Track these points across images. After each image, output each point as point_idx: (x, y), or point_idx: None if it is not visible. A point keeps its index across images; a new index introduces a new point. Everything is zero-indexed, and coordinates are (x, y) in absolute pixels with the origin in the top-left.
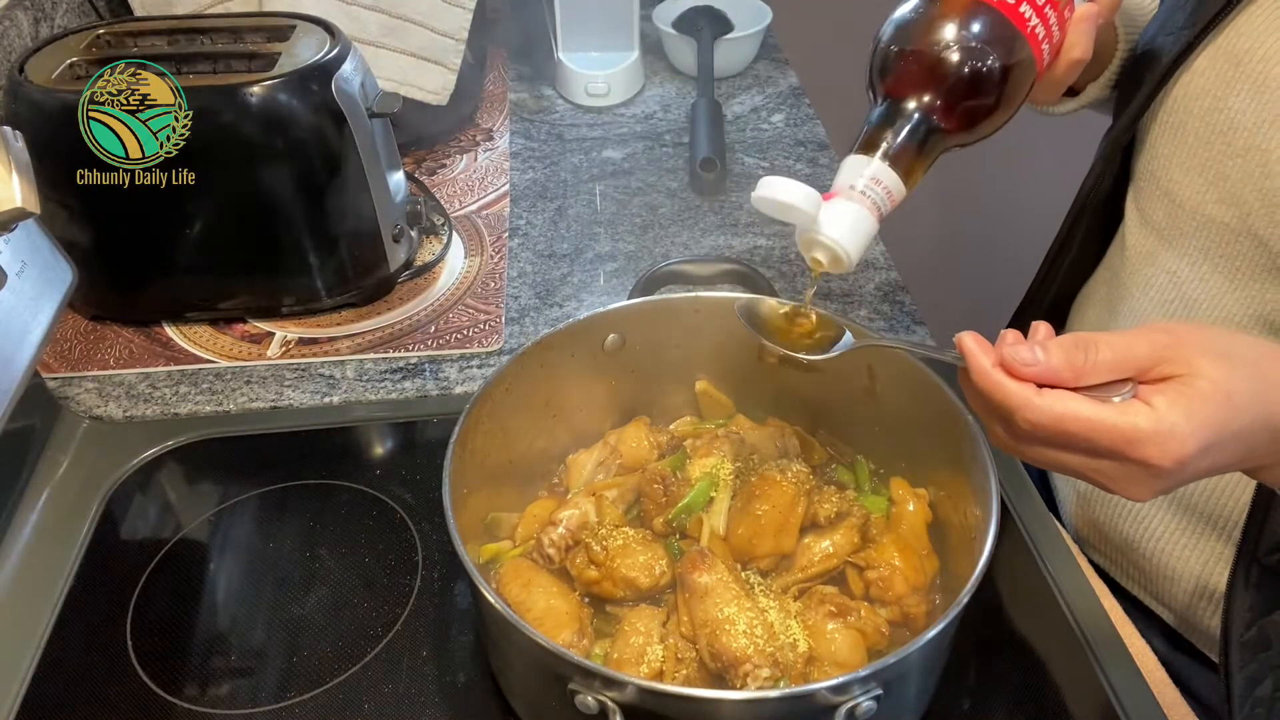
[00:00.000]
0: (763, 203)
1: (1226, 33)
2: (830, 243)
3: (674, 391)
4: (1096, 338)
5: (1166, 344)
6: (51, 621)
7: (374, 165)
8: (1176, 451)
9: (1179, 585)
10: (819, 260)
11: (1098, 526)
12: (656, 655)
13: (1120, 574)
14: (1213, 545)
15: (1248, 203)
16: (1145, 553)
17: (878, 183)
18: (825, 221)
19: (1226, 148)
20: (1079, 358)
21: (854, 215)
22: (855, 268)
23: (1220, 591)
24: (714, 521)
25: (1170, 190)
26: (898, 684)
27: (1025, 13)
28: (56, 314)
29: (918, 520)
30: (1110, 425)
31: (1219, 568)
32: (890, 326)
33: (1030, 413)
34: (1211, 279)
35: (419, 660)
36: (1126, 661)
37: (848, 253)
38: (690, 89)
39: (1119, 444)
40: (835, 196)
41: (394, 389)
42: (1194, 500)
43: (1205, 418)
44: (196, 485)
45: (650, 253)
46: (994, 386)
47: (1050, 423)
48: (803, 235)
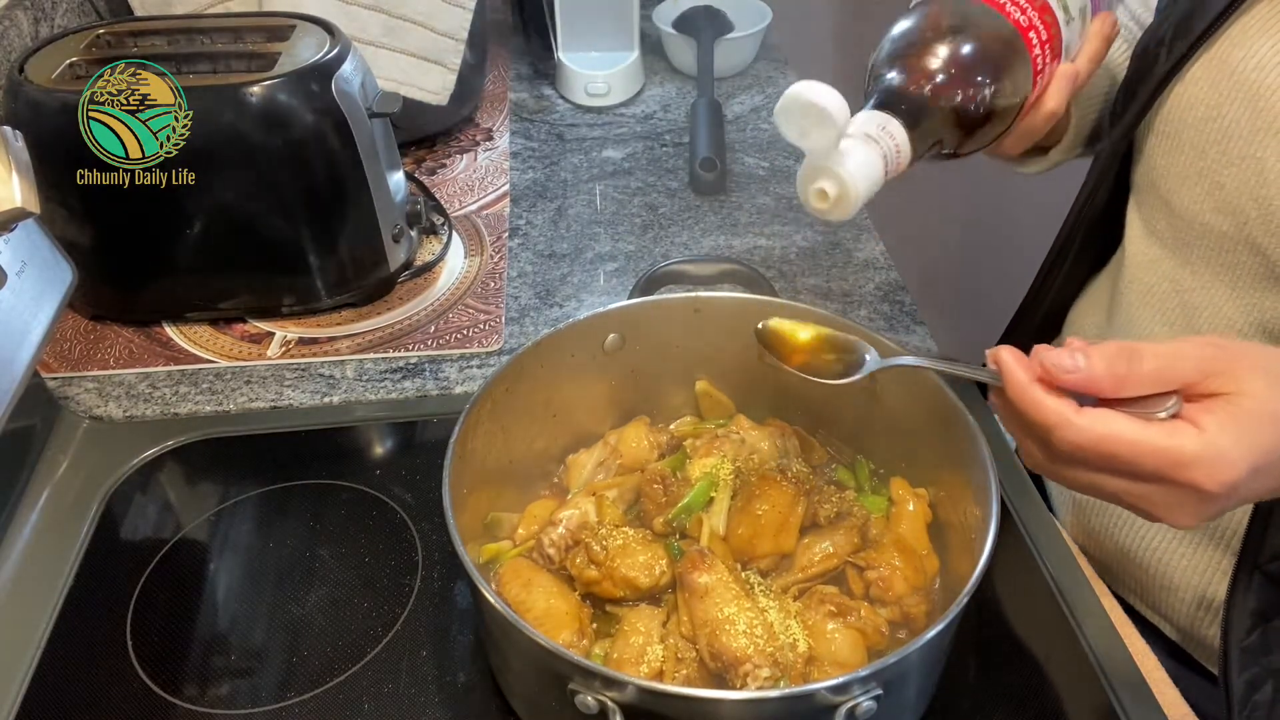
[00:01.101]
0: (791, 107)
1: (1220, 42)
2: (845, 175)
3: (674, 391)
4: (1141, 347)
5: (1214, 357)
6: (51, 621)
7: (374, 165)
8: (1226, 476)
9: (1177, 596)
10: (824, 193)
11: (1094, 536)
12: (656, 655)
13: (1118, 585)
14: (1212, 555)
15: (1244, 211)
16: (1143, 563)
17: (892, 138)
18: (846, 150)
19: (1222, 156)
20: (1121, 367)
21: (868, 157)
22: (854, 211)
23: (1219, 601)
24: (714, 521)
25: (1168, 199)
26: (898, 684)
27: (1033, 39)
28: (56, 314)
29: (918, 520)
30: (1156, 448)
31: (1217, 577)
32: (890, 326)
33: (1070, 432)
34: (1213, 287)
35: (419, 660)
36: (1126, 661)
37: (857, 190)
38: (690, 89)
39: (1165, 467)
40: (852, 138)
41: (394, 389)
42: None
43: (1254, 440)
44: (196, 485)
45: (650, 253)
46: (1032, 404)
47: (1091, 443)
48: (812, 164)
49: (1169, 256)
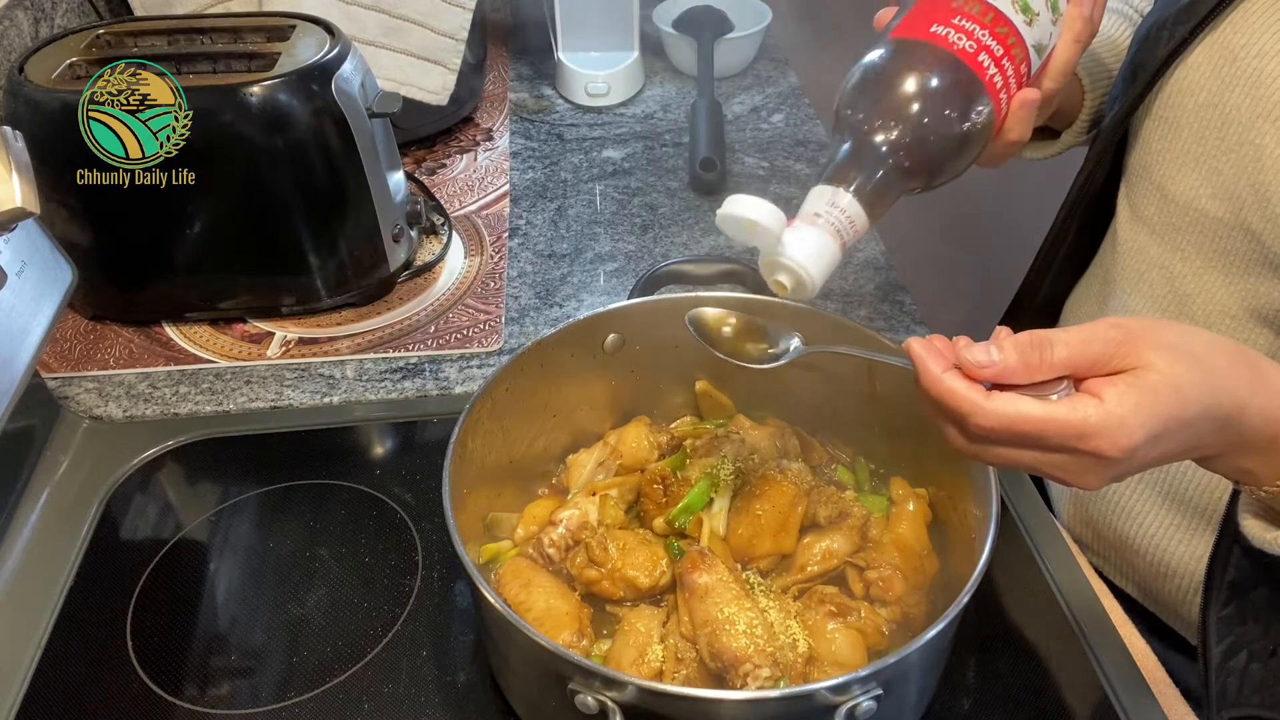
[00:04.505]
0: (727, 221)
1: (1222, 28)
2: (794, 265)
3: (674, 391)
4: (1053, 335)
5: (1120, 339)
6: (51, 621)
7: (374, 165)
8: (1125, 442)
9: (1172, 582)
10: (782, 284)
11: (1092, 525)
12: (656, 655)
13: (1114, 572)
14: (1207, 540)
15: (1241, 197)
16: (1139, 549)
17: (842, 211)
18: (789, 244)
19: (1220, 142)
20: (1034, 356)
21: (817, 240)
22: (817, 290)
23: None
24: (714, 521)
25: (1163, 185)
26: (898, 684)
27: (984, 62)
28: (56, 314)
29: (918, 520)
30: (1061, 421)
31: None
32: (890, 326)
33: (981, 418)
34: (1205, 274)
35: (419, 660)
36: (1126, 661)
37: (810, 276)
38: (690, 89)
39: (1070, 438)
40: (799, 223)
41: (394, 389)
42: (1190, 495)
43: (1153, 409)
44: (196, 485)
45: (650, 253)
46: (945, 394)
47: (1003, 425)
48: (765, 259)
49: (1157, 243)
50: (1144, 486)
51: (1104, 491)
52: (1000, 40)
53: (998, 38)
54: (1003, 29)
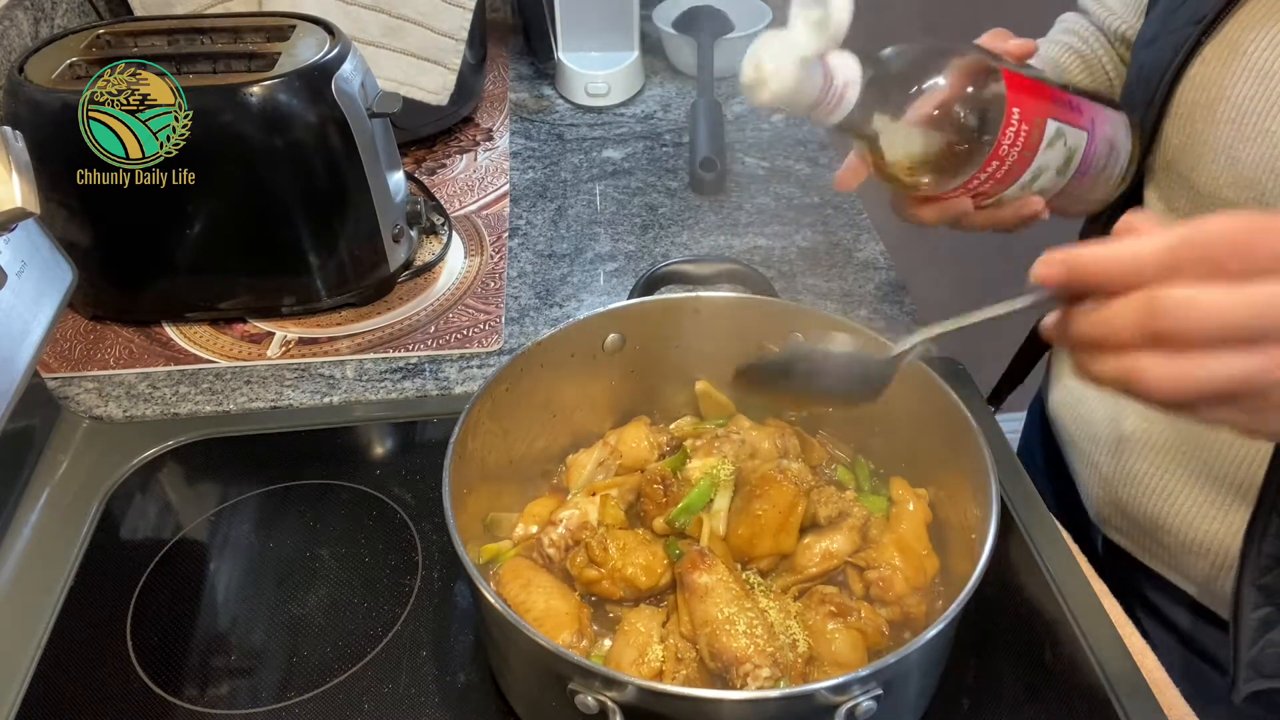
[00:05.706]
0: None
1: (1230, 24)
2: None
3: (674, 391)
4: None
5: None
6: (51, 621)
7: (374, 165)
8: None
9: (1205, 559)
10: (758, 67)
11: (1121, 507)
12: (656, 655)
13: (1143, 552)
14: (1242, 515)
15: (1261, 184)
16: (1170, 528)
17: (847, 69)
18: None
19: (1237, 132)
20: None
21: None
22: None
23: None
24: (714, 521)
25: (1188, 177)
26: (898, 684)
27: (1014, 114)
28: (56, 314)
29: (918, 520)
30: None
31: (1245, 535)
32: (890, 327)
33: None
34: None
35: (419, 660)
36: (1127, 661)
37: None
38: (690, 89)
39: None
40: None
41: (394, 389)
42: (1224, 470)
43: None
44: (196, 485)
45: (650, 253)
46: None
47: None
48: (766, 41)
49: None
50: (1176, 466)
51: (1134, 474)
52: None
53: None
54: (1028, 152)
